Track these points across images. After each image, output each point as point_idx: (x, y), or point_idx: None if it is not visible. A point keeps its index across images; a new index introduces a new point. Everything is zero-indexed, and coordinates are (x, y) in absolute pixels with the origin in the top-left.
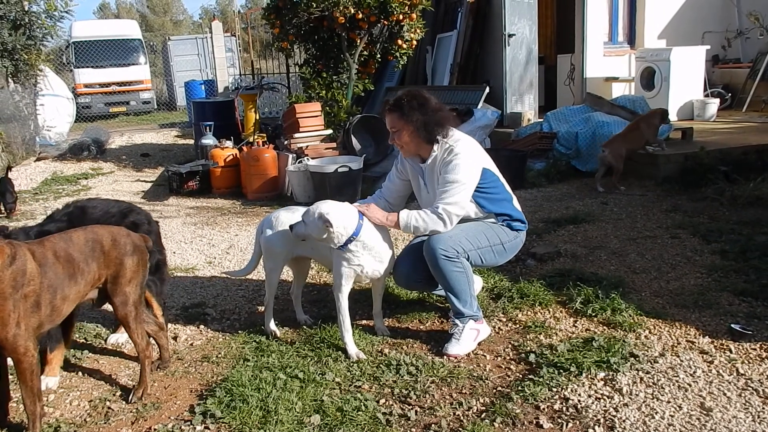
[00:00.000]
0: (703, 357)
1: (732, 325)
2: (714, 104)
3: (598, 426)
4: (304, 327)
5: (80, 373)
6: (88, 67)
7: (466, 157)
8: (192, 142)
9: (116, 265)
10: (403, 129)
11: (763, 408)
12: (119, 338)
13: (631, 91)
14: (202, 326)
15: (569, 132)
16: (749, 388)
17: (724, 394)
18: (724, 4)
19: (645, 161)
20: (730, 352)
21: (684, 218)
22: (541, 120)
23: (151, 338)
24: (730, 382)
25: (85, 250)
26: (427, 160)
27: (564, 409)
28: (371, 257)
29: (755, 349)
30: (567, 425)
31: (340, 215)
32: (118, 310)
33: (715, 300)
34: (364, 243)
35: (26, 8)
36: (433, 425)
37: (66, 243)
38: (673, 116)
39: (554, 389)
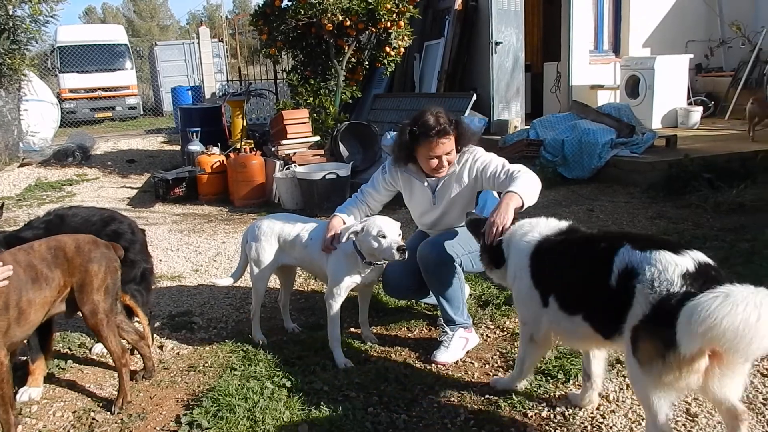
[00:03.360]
0: None
1: None
2: (697, 112)
3: None
4: (292, 335)
5: (64, 384)
6: (73, 72)
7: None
8: (178, 148)
9: (81, 273)
10: (453, 148)
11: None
12: (104, 348)
13: (616, 98)
14: (188, 335)
15: (555, 139)
16: None
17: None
18: (707, 13)
19: (630, 168)
20: None
21: (669, 225)
22: (528, 127)
23: (133, 348)
24: None
25: (48, 257)
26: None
27: (552, 416)
28: (378, 268)
29: None
30: None
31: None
32: (88, 319)
33: None
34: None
35: (10, 12)
36: None
37: (26, 251)
38: (657, 124)
39: (542, 397)
